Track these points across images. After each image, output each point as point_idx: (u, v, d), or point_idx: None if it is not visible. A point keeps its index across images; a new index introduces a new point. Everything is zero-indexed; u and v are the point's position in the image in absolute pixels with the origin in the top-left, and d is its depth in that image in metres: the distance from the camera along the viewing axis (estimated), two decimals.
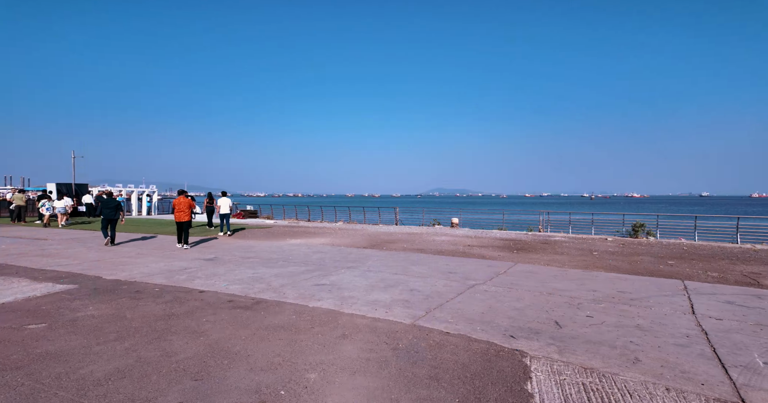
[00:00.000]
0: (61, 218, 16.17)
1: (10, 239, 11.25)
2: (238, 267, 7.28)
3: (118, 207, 10.94)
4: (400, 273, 6.69)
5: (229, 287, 5.72)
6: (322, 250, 9.58)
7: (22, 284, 5.77)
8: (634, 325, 3.89)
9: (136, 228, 15.15)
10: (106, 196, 11.56)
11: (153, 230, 14.65)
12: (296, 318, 4.25)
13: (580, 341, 3.43)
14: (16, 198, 17.12)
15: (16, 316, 4.24)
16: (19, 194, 17.40)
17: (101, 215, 10.93)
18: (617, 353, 3.18)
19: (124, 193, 23.65)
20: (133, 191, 22.98)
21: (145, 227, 15.53)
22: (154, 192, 24.80)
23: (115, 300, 4.92)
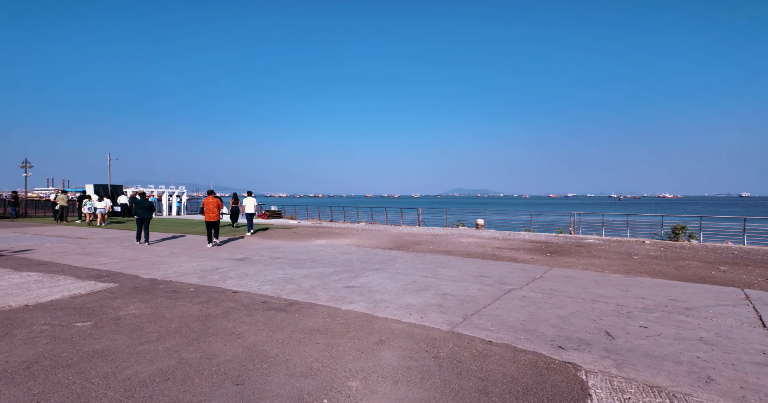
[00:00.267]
0: (101, 217, 17.09)
1: (54, 238, 11.88)
2: (268, 268, 7.33)
3: (150, 207, 11.35)
4: (430, 276, 6.53)
5: (261, 287, 5.75)
6: (348, 251, 9.55)
7: (67, 282, 6.03)
8: (696, 338, 3.57)
9: (167, 228, 15.69)
10: (140, 196, 11.94)
11: (183, 229, 15.12)
12: (330, 321, 4.19)
13: (639, 355, 3.17)
14: (60, 199, 18.14)
15: (64, 313, 4.40)
16: (62, 195, 18.44)
17: (135, 214, 11.43)
18: (684, 370, 2.90)
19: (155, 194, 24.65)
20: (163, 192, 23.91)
21: (175, 227, 16.06)
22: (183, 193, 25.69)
23: (153, 299, 5.03)
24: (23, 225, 16.41)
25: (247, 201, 14.28)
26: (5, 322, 4.11)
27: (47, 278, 6.28)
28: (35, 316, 4.31)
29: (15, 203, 20.35)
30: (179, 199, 24.94)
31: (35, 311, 4.49)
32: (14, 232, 13.65)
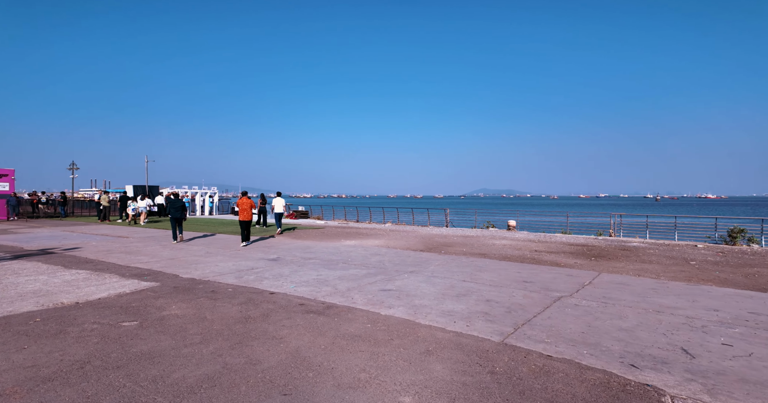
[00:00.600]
0: (143, 216, 18.08)
1: (99, 237, 12.51)
2: (302, 268, 7.30)
3: (183, 207, 11.76)
4: (469, 280, 6.24)
5: (297, 289, 5.68)
6: (378, 252, 9.40)
7: (113, 280, 6.23)
8: None
9: (201, 227, 16.19)
10: (173, 197, 12.38)
11: (216, 229, 15.54)
12: (371, 327, 4.02)
13: (733, 380, 2.78)
14: (102, 199, 19.18)
15: (112, 312, 4.49)
16: (104, 196, 19.50)
17: (169, 214, 11.86)
18: None
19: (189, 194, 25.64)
20: (196, 193, 24.81)
21: (208, 227, 16.55)
22: (215, 194, 26.55)
23: (194, 300, 5.07)
24: (71, 224, 17.46)
25: (276, 201, 14.62)
26: (59, 319, 4.23)
27: (94, 276, 6.52)
28: (86, 314, 4.42)
29: (64, 203, 21.73)
30: (211, 199, 25.79)
31: (85, 309, 4.62)
32: (63, 230, 14.51)
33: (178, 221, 11.59)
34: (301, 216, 24.88)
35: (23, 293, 5.38)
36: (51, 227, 15.51)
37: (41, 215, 20.84)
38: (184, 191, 27.56)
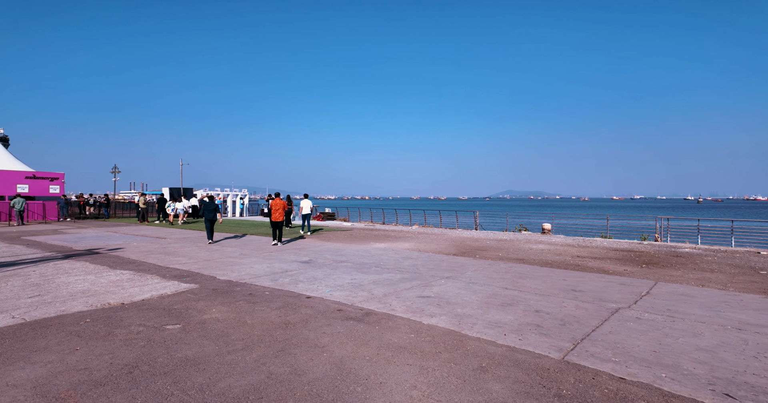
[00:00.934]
0: (181, 217, 19.01)
1: (139, 237, 13.05)
2: (335, 272, 7.20)
3: (216, 209, 12.17)
4: (511, 288, 5.89)
5: (332, 293, 5.57)
6: (410, 256, 9.17)
7: (154, 281, 6.37)
8: None
9: (233, 229, 16.59)
10: (207, 199, 12.72)
11: (247, 230, 15.86)
12: (415, 338, 3.81)
13: None
14: (140, 201, 20.13)
15: (156, 314, 4.53)
16: (141, 198, 20.46)
17: (203, 215, 12.31)
18: None
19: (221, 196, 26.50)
20: (228, 195, 25.60)
21: (240, 228, 16.93)
22: (246, 195, 27.28)
23: (233, 303, 5.05)
24: (114, 225, 18.42)
25: (304, 203, 14.88)
26: (107, 320, 4.31)
27: (137, 276, 6.71)
28: (131, 316, 4.49)
29: (107, 205, 23.03)
30: (242, 201, 26.52)
31: (131, 311, 4.70)
32: (107, 231, 15.29)
33: (211, 222, 12.01)
34: (327, 218, 25.07)
35: (73, 292, 5.59)
36: (96, 228, 16.41)
37: (88, 216, 22.16)
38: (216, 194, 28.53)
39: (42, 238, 12.42)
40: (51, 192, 20.64)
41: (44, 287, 5.84)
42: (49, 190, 20.54)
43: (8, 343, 3.65)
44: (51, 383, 2.86)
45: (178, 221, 19.13)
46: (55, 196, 20.91)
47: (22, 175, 19.86)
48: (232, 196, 26.00)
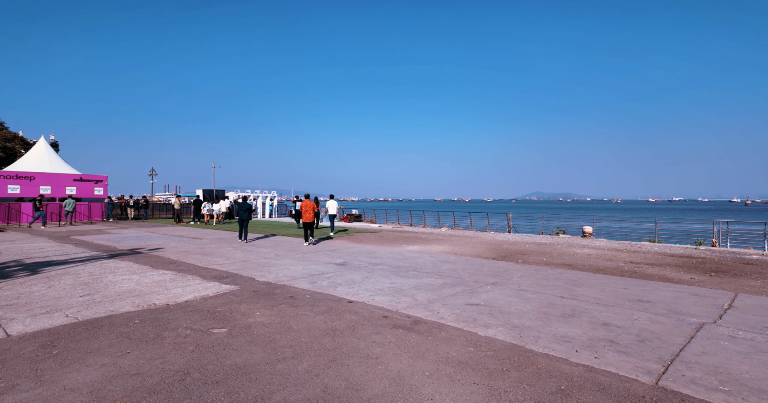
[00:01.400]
0: (216, 218, 19.83)
1: (177, 238, 13.42)
2: (372, 275, 6.98)
3: (249, 209, 12.68)
4: (568, 297, 5.42)
5: (374, 298, 5.33)
6: (447, 259, 8.81)
7: (195, 282, 6.39)
8: None
9: (263, 229, 16.82)
10: (241, 200, 13.26)
11: (278, 231, 16.00)
12: (475, 352, 3.48)
13: None
14: (175, 203, 20.88)
15: (201, 317, 4.46)
16: (176, 199, 21.21)
17: (237, 215, 12.72)
18: None
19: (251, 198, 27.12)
20: (258, 196, 26.14)
21: (269, 228, 17.14)
22: (275, 197, 27.79)
23: (276, 306, 4.92)
24: (152, 225, 19.17)
25: (330, 204, 15.07)
26: (154, 322, 4.28)
27: (179, 277, 6.77)
28: (177, 317, 4.44)
29: (146, 206, 24.08)
30: (271, 203, 27.02)
31: (176, 312, 4.66)
32: (147, 231, 15.88)
33: (244, 222, 12.52)
34: (354, 219, 25.05)
35: (120, 292, 5.66)
36: (136, 228, 17.11)
37: (128, 217, 23.27)
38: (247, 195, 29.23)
39: (88, 237, 13.03)
40: (95, 194, 21.82)
41: (93, 286, 5.97)
42: (94, 192, 21.72)
43: (63, 343, 3.66)
44: (106, 389, 2.78)
45: (214, 222, 19.83)
46: (100, 198, 22.08)
47: (71, 178, 21.11)
48: (262, 197, 26.54)
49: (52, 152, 23.08)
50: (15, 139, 31.85)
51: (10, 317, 4.44)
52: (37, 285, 6.01)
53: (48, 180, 20.19)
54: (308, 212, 11.81)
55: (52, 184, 20.27)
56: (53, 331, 3.99)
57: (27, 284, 6.07)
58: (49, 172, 20.65)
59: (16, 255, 8.99)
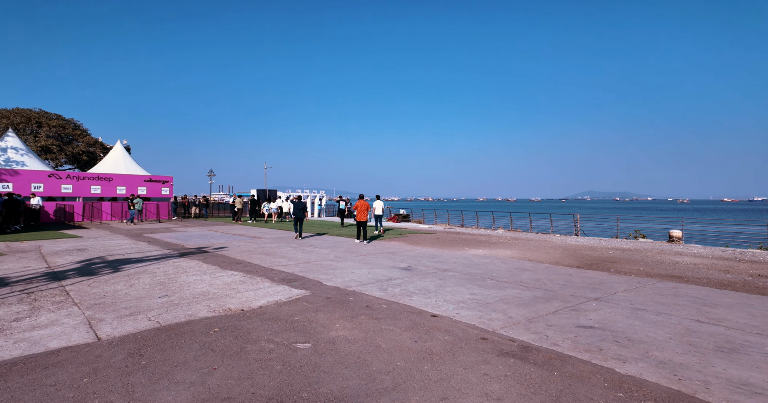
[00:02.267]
0: (274, 216, 20.84)
1: (238, 237, 13.76)
2: (445, 282, 6.36)
3: (304, 208, 13.39)
4: (706, 321, 4.40)
5: (459, 312, 4.71)
6: (523, 267, 7.92)
7: (265, 285, 6.19)
8: None
9: (314, 228, 16.87)
10: (296, 199, 13.87)
11: (330, 231, 15.93)
12: (627, 398, 2.72)
13: None
14: (237, 202, 21.73)
15: (280, 327, 4.14)
16: (238, 199, 22.06)
17: (293, 214, 13.45)
18: None
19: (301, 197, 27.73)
20: (308, 196, 26.59)
21: (322, 228, 17.15)
22: (323, 197, 28.14)
23: (354, 318, 4.48)
24: (212, 224, 20.10)
25: (376, 204, 15.55)
26: (234, 331, 4.01)
27: (248, 278, 6.64)
28: (256, 327, 4.16)
29: (206, 206, 25.47)
30: (320, 202, 27.38)
31: (253, 320, 4.39)
32: (209, 230, 16.57)
33: (299, 220, 13.24)
34: (402, 219, 24.53)
35: (195, 294, 5.58)
36: (199, 227, 17.99)
37: (192, 215, 24.76)
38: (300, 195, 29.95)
39: (158, 235, 13.79)
40: (162, 193, 23.46)
41: (169, 287, 5.98)
42: (161, 192, 23.37)
43: (150, 352, 3.47)
44: None
45: (272, 220, 20.90)
46: (166, 197, 23.71)
47: (142, 179, 22.88)
48: (311, 197, 26.96)
49: (126, 155, 25.22)
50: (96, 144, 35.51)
51: (99, 318, 4.44)
52: (119, 284, 6.15)
53: (123, 181, 22.03)
54: (362, 212, 12.25)
55: (127, 184, 22.09)
56: (139, 336, 3.86)
57: (111, 282, 6.24)
58: (124, 174, 22.53)
59: (99, 252, 9.57)
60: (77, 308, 4.81)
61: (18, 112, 30.45)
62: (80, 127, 34.96)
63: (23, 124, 29.65)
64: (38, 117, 31.26)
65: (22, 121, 29.64)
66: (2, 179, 17.94)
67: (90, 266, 7.74)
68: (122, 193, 21.85)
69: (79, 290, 5.76)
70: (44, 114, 32.18)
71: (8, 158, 20.09)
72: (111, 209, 21.16)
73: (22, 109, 31.24)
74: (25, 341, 3.72)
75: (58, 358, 3.35)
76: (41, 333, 3.94)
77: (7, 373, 3.06)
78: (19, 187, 18.22)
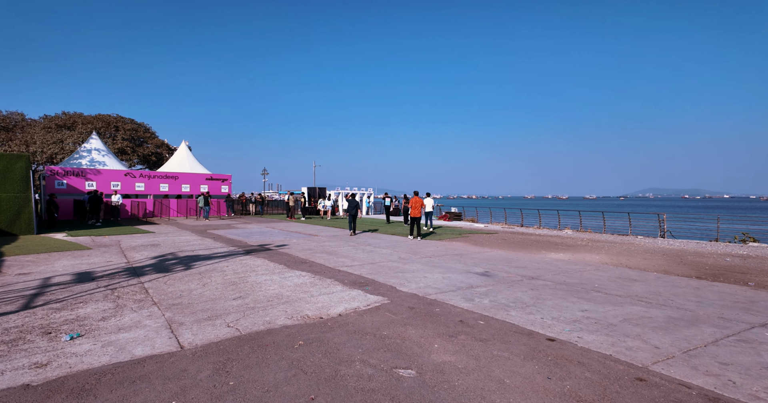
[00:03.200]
0: (329, 214, 21.14)
1: (296, 234, 13.73)
2: (540, 294, 5.46)
3: (357, 205, 13.73)
4: None
5: (581, 337, 3.83)
6: (628, 276, 6.73)
7: (336, 288, 5.74)
8: None
9: (366, 225, 16.49)
10: (350, 197, 14.13)
11: (381, 228, 15.44)
12: None
13: None
14: (290, 199, 22.12)
15: (371, 345, 3.58)
16: (291, 196, 22.45)
17: (347, 211, 13.74)
18: None
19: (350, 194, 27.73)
20: (356, 193, 26.48)
21: (371, 224, 16.72)
22: (371, 194, 27.91)
23: (453, 337, 3.80)
24: (268, 220, 20.59)
25: (427, 201, 15.50)
26: (321, 346, 3.52)
27: (317, 280, 6.25)
28: (343, 341, 3.64)
29: (262, 203, 26.34)
30: (368, 200, 27.15)
31: (337, 332, 3.89)
32: (267, 226, 16.87)
33: (353, 217, 13.50)
34: (454, 218, 23.45)
35: (269, 296, 5.26)
36: (257, 223, 18.45)
37: (250, 212, 25.75)
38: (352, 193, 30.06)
39: (221, 232, 14.19)
40: (222, 191, 24.60)
41: (241, 287, 5.75)
42: (221, 190, 24.52)
43: (236, 369, 3.07)
44: None
45: (327, 217, 21.42)
46: (225, 195, 24.84)
47: (204, 177, 24.16)
48: (359, 195, 26.81)
49: (190, 155, 26.83)
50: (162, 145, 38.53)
51: (178, 321, 4.21)
52: (193, 282, 6.04)
53: (188, 179, 23.38)
54: (416, 209, 12.34)
55: (191, 182, 23.42)
56: (221, 347, 3.51)
57: (185, 280, 6.17)
58: (188, 173, 23.92)
59: (171, 248, 9.87)
60: (157, 309, 4.66)
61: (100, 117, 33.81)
62: (149, 130, 38.07)
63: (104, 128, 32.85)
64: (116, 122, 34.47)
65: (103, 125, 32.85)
66: (87, 178, 19.76)
67: (164, 262, 7.88)
68: (186, 190, 23.19)
69: (156, 287, 5.71)
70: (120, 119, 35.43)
71: (92, 159, 22.15)
72: (177, 205, 22.55)
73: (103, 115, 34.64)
74: (112, 346, 3.52)
75: (144, 369, 3.06)
76: (126, 337, 3.74)
77: (96, 386, 2.80)
78: (100, 185, 19.97)
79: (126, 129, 34.61)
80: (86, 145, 23.06)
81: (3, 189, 12.02)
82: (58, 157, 28.34)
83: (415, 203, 12.48)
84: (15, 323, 4.11)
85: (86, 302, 4.93)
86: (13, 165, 12.17)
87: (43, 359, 3.23)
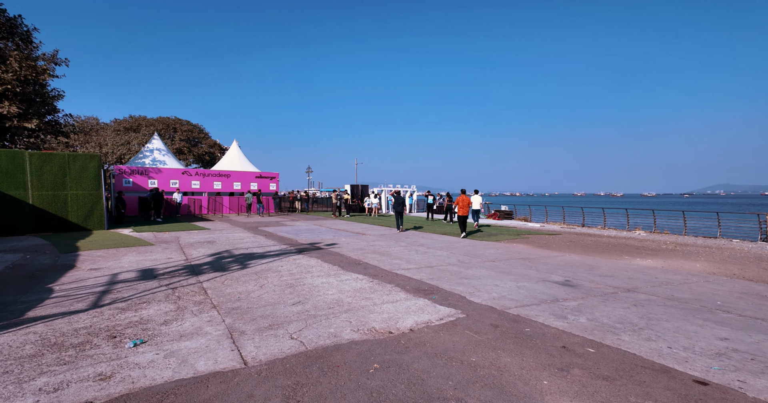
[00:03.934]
0: (375, 211, 21.03)
1: (343, 232, 13.45)
2: (651, 312, 4.49)
3: (403, 203, 13.68)
4: None
5: (744, 381, 2.92)
6: (754, 290, 5.48)
7: (399, 295, 5.19)
8: None
9: (411, 223, 15.83)
10: (396, 194, 14.03)
11: (425, 226, 14.69)
12: None
13: None
14: (334, 196, 22.10)
15: (461, 376, 2.95)
16: (333, 193, 22.43)
17: (394, 208, 13.73)
18: None
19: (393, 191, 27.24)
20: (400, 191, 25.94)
21: (418, 222, 16.04)
22: (414, 192, 27.23)
23: (565, 371, 3.06)
24: (314, 218, 20.70)
25: (474, 199, 15.12)
26: (401, 374, 2.96)
27: (376, 285, 5.74)
28: (425, 368, 3.05)
29: (308, 200, 26.72)
30: (411, 197, 26.49)
31: (415, 353, 3.31)
32: (313, 224, 16.86)
33: (400, 214, 13.55)
34: (505, 216, 22.05)
35: (329, 302, 4.84)
36: (304, 221, 18.56)
37: (297, 210, 26.24)
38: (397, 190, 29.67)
39: (272, 229, 14.31)
40: (270, 189, 25.26)
41: (299, 290, 5.40)
42: (269, 187, 25.19)
43: (308, 400, 2.60)
44: None
45: (373, 214, 21.45)
46: (273, 192, 25.49)
47: (254, 175, 24.95)
48: (402, 192, 26.23)
49: (241, 154, 27.89)
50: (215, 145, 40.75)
51: (239, 330, 3.88)
52: (250, 283, 5.82)
53: (239, 177, 24.27)
54: (464, 207, 12.05)
55: (242, 180, 24.29)
56: (288, 366, 3.08)
57: (241, 281, 5.97)
58: (239, 171, 24.83)
59: (226, 245, 9.95)
60: (216, 313, 4.40)
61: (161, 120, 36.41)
62: (203, 130, 40.36)
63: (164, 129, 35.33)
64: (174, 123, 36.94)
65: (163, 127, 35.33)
66: (150, 176, 21.13)
67: (220, 260, 7.84)
68: (238, 188, 24.07)
69: (214, 288, 5.53)
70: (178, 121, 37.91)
71: (154, 158, 23.71)
72: (230, 202, 23.49)
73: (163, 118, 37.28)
74: (174, 357, 3.24)
75: (208, 392, 2.70)
76: (188, 346, 3.46)
77: None
78: (161, 183, 21.27)
79: (183, 130, 36.96)
80: (149, 145, 24.73)
81: (78, 187, 12.98)
82: (126, 157, 30.89)
83: (462, 201, 12.11)
84: (84, 324, 4.03)
85: (149, 302, 4.83)
86: (87, 165, 13.11)
87: (107, 370, 3.01)
